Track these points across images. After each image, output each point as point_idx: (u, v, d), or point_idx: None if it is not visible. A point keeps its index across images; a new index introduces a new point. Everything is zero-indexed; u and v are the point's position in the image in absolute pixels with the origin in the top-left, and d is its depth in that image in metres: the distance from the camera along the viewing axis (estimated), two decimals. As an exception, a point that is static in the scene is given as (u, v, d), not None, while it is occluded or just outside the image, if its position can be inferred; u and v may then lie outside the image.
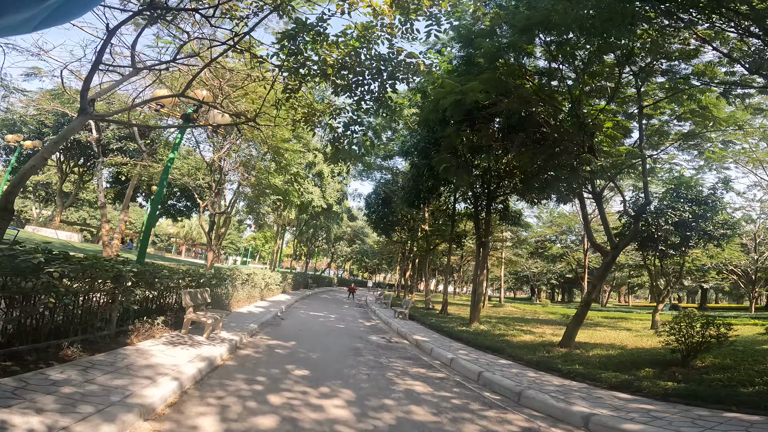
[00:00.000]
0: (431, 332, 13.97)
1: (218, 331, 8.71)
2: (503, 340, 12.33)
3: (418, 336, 12.52)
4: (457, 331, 13.41)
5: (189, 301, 7.77)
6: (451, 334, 13.10)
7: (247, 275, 15.79)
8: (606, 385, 7.02)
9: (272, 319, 13.13)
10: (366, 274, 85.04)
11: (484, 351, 10.62)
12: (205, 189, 23.04)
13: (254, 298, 16.31)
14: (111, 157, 15.00)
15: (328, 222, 36.62)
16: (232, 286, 13.44)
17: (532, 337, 13.51)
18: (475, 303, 16.15)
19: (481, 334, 13.30)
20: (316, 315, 16.48)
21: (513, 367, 8.63)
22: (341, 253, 62.13)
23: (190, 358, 6.26)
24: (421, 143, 16.88)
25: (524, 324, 18.47)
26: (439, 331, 14.01)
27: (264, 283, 18.66)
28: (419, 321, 16.89)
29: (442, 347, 10.70)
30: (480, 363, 8.78)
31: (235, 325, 10.29)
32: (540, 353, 9.93)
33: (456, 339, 12.45)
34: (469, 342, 11.65)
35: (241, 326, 10.24)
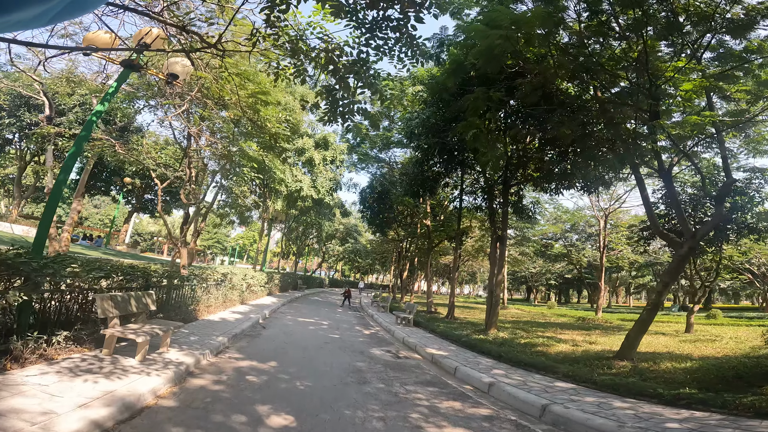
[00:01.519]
0: (444, 342, 11.59)
1: (164, 349, 6.18)
2: (537, 352, 10.02)
3: (432, 349, 10.10)
4: (476, 341, 11.05)
5: (111, 309, 5.24)
6: (471, 345, 10.71)
7: (222, 275, 13.22)
8: (751, 414, 4.72)
9: (250, 329, 10.59)
10: (358, 274, 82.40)
11: (524, 368, 8.24)
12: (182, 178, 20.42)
13: (232, 302, 13.74)
14: (42, 127, 12.31)
15: (319, 218, 34.03)
16: (201, 289, 10.88)
17: (568, 346, 11.22)
18: (493, 306, 13.80)
19: (506, 344, 10.98)
20: (305, 321, 13.96)
21: (583, 393, 6.24)
22: (333, 253, 59.43)
23: (90, 398, 3.75)
24: (431, 120, 14.48)
25: (544, 329, 16.20)
26: (455, 341, 11.61)
27: (245, 284, 16.08)
28: (426, 328, 14.50)
29: (468, 364, 8.30)
30: (533, 389, 6.39)
31: (196, 339, 7.75)
32: (600, 370, 7.65)
33: (480, 352, 10.07)
34: (500, 356, 9.25)
35: (204, 341, 7.70)
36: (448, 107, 13.56)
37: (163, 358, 5.88)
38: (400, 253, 41.32)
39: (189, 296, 10.16)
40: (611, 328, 18.20)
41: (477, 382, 7.12)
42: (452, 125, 13.75)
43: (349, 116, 7.13)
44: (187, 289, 10.18)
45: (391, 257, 51.82)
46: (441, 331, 13.19)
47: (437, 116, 14.44)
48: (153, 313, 7.17)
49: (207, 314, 10.86)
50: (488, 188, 15.91)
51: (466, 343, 11.01)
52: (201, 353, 6.67)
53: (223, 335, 8.55)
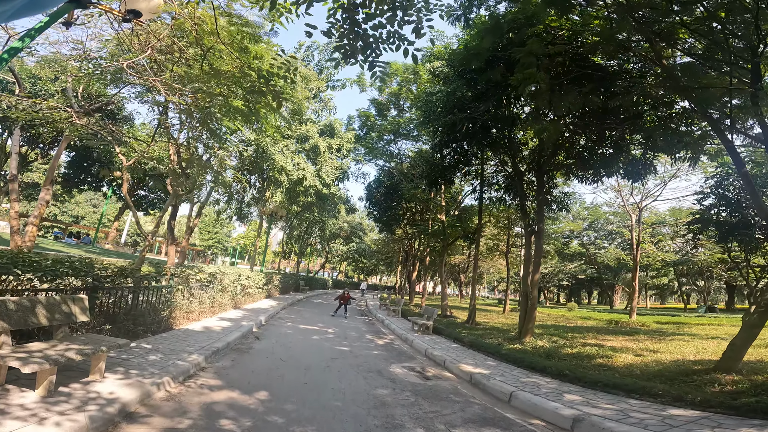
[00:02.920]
0: (478, 355, 9.54)
1: (95, 377, 4.18)
2: (601, 366, 8.15)
3: (467, 365, 8.06)
4: (518, 353, 9.01)
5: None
6: (515, 359, 8.66)
7: (210, 275, 11.21)
8: None
9: (239, 341, 8.56)
10: (362, 275, 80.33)
11: (603, 390, 6.26)
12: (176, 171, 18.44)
13: (222, 306, 11.72)
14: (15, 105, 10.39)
15: (323, 216, 32.00)
16: (181, 291, 8.87)
17: (632, 357, 9.34)
18: (528, 311, 11.72)
19: (553, 356, 9.05)
20: (307, 329, 11.92)
21: (731, 426, 4.18)
22: (336, 253, 57.38)
23: None
24: (456, 94, 12.44)
25: (582, 335, 14.12)
26: (491, 353, 9.54)
27: (239, 286, 14.06)
28: (447, 335, 12.45)
29: (525, 387, 6.28)
30: (649, 425, 4.33)
31: (158, 359, 5.73)
32: (711, 387, 5.66)
33: (528, 368, 8.04)
34: (561, 374, 7.20)
35: (169, 361, 5.68)
36: (479, 77, 11.56)
37: (86, 390, 3.87)
38: (407, 252, 39.27)
39: (163, 301, 8.14)
40: (654, 332, 16.16)
41: (551, 415, 5.08)
42: (481, 102, 11.73)
43: (375, 49, 5.11)
44: (163, 291, 8.16)
45: (397, 257, 49.76)
46: (466, 339, 11.12)
47: (463, 90, 12.41)
48: (83, 325, 5.15)
49: (187, 322, 8.84)
50: (518, 175, 13.84)
51: (506, 356, 8.95)
52: (156, 381, 4.65)
53: (199, 351, 6.52)
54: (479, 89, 12.54)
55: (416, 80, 21.53)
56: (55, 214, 55.97)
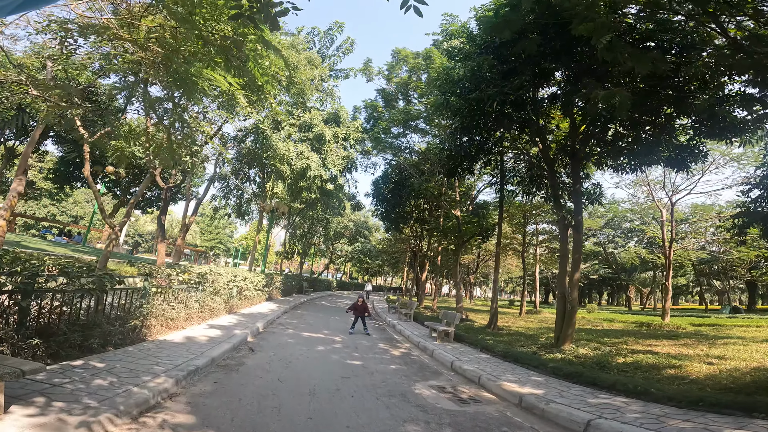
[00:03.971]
0: (515, 367, 8.01)
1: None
2: (676, 378, 6.86)
3: (510, 382, 6.51)
4: (567, 365, 7.47)
5: None
6: (565, 373, 7.13)
7: (199, 276, 9.70)
8: None
9: (229, 354, 7.04)
10: (366, 276, 78.74)
11: (713, 411, 4.74)
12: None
13: (214, 312, 10.20)
14: None
15: (327, 214, 30.47)
16: (159, 295, 7.35)
17: (703, 365, 8.06)
18: (567, 315, 10.14)
19: (605, 366, 7.57)
20: (311, 338, 10.38)
21: None
22: (341, 253, 55.81)
23: None
24: (482, 69, 10.90)
25: (622, 340, 12.57)
26: (534, 366, 7.96)
27: (234, 288, 12.56)
28: (471, 343, 10.90)
29: (604, 413, 4.70)
30: None
31: (109, 383, 4.23)
32: None
33: (588, 383, 6.57)
34: (639, 391, 5.69)
35: (124, 385, 4.16)
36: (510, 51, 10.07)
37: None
38: (415, 252, 37.66)
39: (135, 306, 6.63)
40: (696, 335, 14.67)
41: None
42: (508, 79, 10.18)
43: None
44: (133, 295, 6.65)
45: (403, 257, 48.15)
46: (500, 349, 9.53)
47: (491, 64, 10.85)
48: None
49: (166, 332, 7.32)
50: (548, 163, 12.26)
51: (555, 370, 7.38)
52: (88, 420, 3.15)
53: (169, 372, 5.00)
54: (509, 65, 11.01)
55: (428, 66, 19.93)
56: (53, 214, 54.86)
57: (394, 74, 23.39)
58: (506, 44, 10.89)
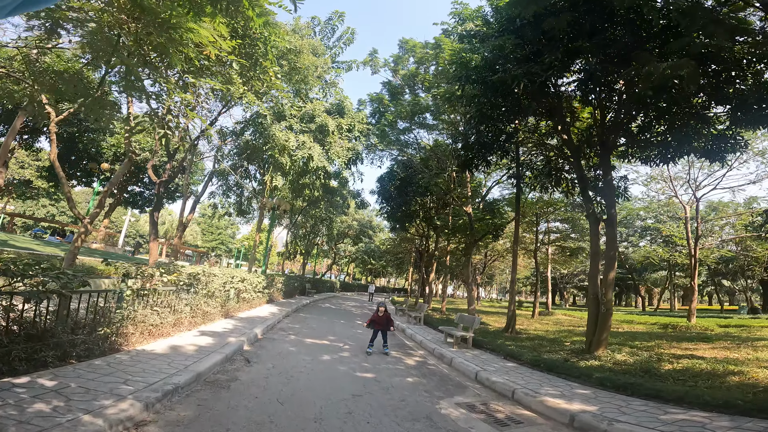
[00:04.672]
0: (551, 377, 6.99)
1: None
2: (746, 386, 5.88)
3: (552, 397, 5.48)
4: (619, 376, 6.42)
5: None
6: (617, 385, 6.09)
7: (190, 276, 8.69)
8: None
9: (220, 368, 6.03)
10: (369, 277, 77.67)
11: None
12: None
13: (208, 316, 9.20)
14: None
15: (330, 213, 29.45)
16: (140, 298, 6.35)
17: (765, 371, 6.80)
18: (601, 318, 9.09)
19: (652, 375, 6.60)
20: (316, 345, 9.35)
21: None
22: (344, 254, 54.72)
23: None
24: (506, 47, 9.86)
25: (654, 343, 11.52)
26: (574, 376, 6.91)
27: (232, 290, 11.56)
28: (492, 349, 9.86)
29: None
30: None
31: (52, 408, 3.24)
32: None
33: (650, 397, 5.49)
34: (718, 404, 4.64)
35: (71, 411, 3.13)
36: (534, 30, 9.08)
37: None
38: (421, 252, 36.55)
39: (108, 311, 5.63)
40: (730, 337, 13.66)
41: None
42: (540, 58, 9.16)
43: None
44: (105, 298, 5.64)
45: (408, 258, 47.02)
46: (526, 356, 8.48)
47: (515, 43, 9.82)
48: None
49: (147, 341, 6.31)
50: (574, 153, 11.21)
51: (604, 381, 6.34)
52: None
53: (139, 393, 3.98)
54: (533, 46, 9.99)
55: (437, 56, 18.88)
56: (53, 215, 54.09)
57: (401, 66, 22.36)
58: (529, 24, 9.91)
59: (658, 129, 10.67)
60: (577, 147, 11.45)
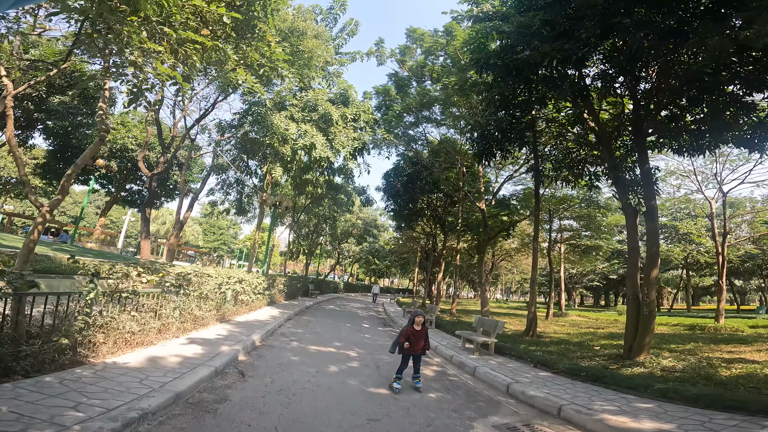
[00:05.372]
0: (600, 389, 5.94)
1: None
2: None
3: (612, 414, 4.52)
4: (686, 387, 5.40)
5: None
6: (686, 397, 5.12)
7: (179, 277, 7.71)
8: None
9: (208, 384, 5.03)
10: (373, 278, 76.60)
11: None
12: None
13: (200, 321, 8.23)
14: None
15: (334, 211, 28.46)
16: (114, 301, 5.37)
17: None
18: (643, 320, 8.06)
19: (719, 383, 5.57)
20: (321, 354, 8.35)
21: None
22: (348, 254, 53.66)
23: None
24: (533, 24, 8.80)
25: (693, 346, 10.47)
26: (629, 387, 5.88)
27: (229, 291, 10.58)
28: (516, 356, 8.86)
29: None
30: None
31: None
32: None
33: (736, 409, 4.54)
34: None
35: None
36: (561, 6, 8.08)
37: None
38: (427, 252, 35.50)
39: (72, 316, 4.65)
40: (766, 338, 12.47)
41: None
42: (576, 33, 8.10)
43: None
44: (67, 301, 4.67)
45: (414, 258, 45.96)
46: (561, 364, 7.45)
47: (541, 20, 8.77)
48: None
49: (124, 351, 5.33)
50: (603, 141, 10.18)
51: (667, 393, 5.33)
52: None
53: (89, 423, 2.98)
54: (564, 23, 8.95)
55: (447, 45, 17.84)
56: (53, 215, 53.38)
57: (408, 57, 21.36)
58: (557, 2, 8.92)
59: (695, 116, 9.65)
60: (608, 135, 10.42)
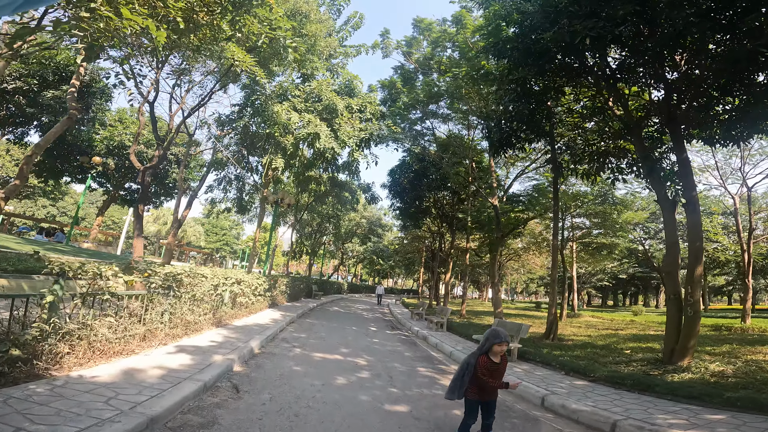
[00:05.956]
0: (654, 400, 5.12)
1: None
2: None
3: (688, 431, 3.59)
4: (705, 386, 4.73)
5: None
6: (762, 404, 4.16)
7: (167, 277, 6.91)
8: None
9: (194, 402, 4.21)
10: (377, 278, 75.71)
11: None
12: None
13: (193, 326, 7.44)
14: None
15: (338, 209, 27.65)
16: (85, 305, 4.58)
17: None
18: (687, 322, 7.22)
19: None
20: (327, 362, 7.53)
21: None
22: (352, 254, 52.82)
23: None
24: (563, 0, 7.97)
25: (731, 348, 9.58)
26: (691, 398, 5.00)
27: (227, 293, 9.79)
28: (543, 362, 8.05)
29: None
30: None
31: None
32: None
33: None
34: None
35: None
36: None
37: None
38: (433, 251, 34.63)
39: (29, 322, 3.87)
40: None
41: None
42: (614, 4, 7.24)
43: None
44: (27, 306, 3.89)
45: (419, 258, 45.07)
46: (600, 372, 6.61)
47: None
48: None
49: (97, 361, 4.54)
50: (630, 130, 9.34)
51: (737, 401, 4.46)
52: None
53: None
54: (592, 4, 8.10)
55: (457, 34, 16.99)
56: (53, 215, 52.86)
57: (415, 49, 20.56)
58: None
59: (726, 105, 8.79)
60: (637, 122, 9.56)
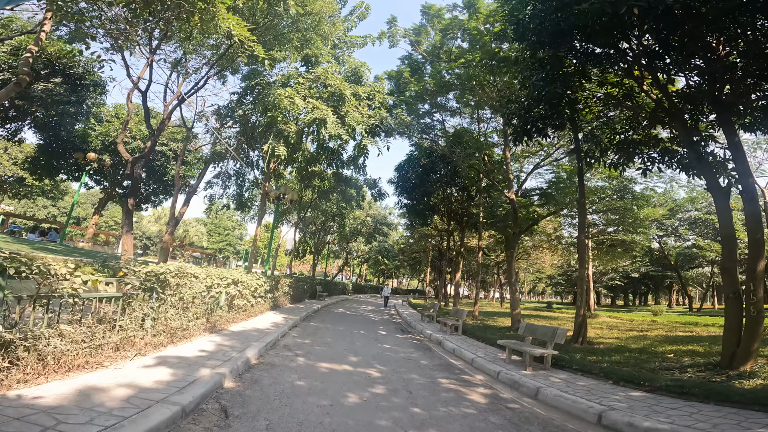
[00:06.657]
0: (750, 414, 4.04)
1: None
2: None
3: None
4: None
5: None
6: None
7: (148, 277, 5.96)
8: None
9: (168, 430, 3.24)
10: (382, 279, 74.71)
11: None
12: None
13: (181, 332, 6.51)
14: None
15: (343, 207, 26.71)
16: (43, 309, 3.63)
17: None
18: (750, 322, 6.24)
19: None
20: (334, 375, 6.57)
21: None
22: (357, 254, 51.85)
23: None
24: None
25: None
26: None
27: (222, 294, 8.85)
28: (582, 370, 7.06)
29: None
30: None
31: None
32: None
33: None
34: None
35: None
36: None
37: None
38: (441, 251, 33.67)
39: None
40: None
41: None
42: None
43: None
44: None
45: (425, 257, 44.04)
46: (661, 381, 5.62)
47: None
48: None
49: (52, 376, 3.62)
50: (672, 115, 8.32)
51: None
52: None
53: None
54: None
55: (468, 22, 16.00)
56: (54, 215, 52.30)
57: (423, 37, 19.61)
58: None
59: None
60: (680, 108, 8.55)
